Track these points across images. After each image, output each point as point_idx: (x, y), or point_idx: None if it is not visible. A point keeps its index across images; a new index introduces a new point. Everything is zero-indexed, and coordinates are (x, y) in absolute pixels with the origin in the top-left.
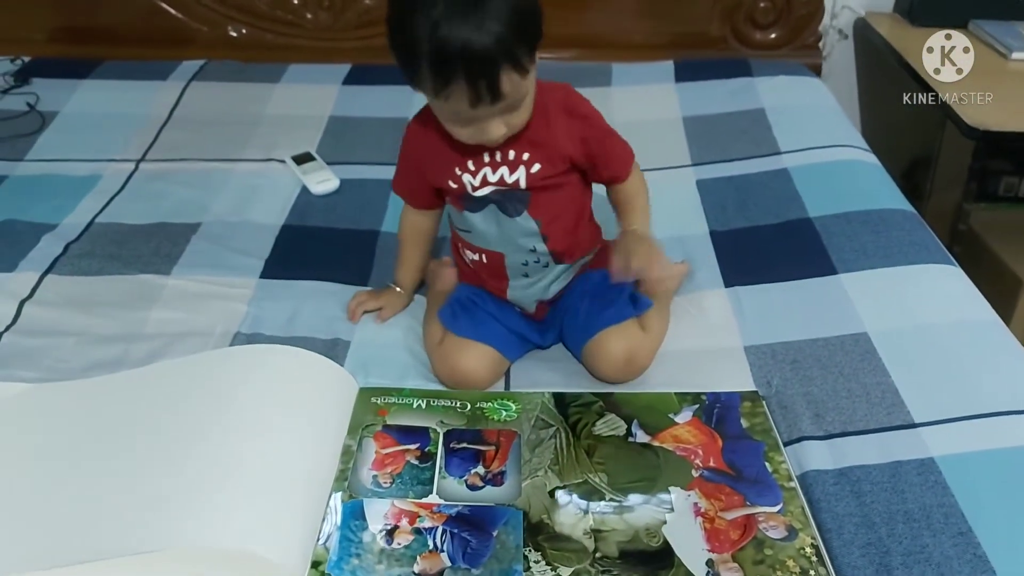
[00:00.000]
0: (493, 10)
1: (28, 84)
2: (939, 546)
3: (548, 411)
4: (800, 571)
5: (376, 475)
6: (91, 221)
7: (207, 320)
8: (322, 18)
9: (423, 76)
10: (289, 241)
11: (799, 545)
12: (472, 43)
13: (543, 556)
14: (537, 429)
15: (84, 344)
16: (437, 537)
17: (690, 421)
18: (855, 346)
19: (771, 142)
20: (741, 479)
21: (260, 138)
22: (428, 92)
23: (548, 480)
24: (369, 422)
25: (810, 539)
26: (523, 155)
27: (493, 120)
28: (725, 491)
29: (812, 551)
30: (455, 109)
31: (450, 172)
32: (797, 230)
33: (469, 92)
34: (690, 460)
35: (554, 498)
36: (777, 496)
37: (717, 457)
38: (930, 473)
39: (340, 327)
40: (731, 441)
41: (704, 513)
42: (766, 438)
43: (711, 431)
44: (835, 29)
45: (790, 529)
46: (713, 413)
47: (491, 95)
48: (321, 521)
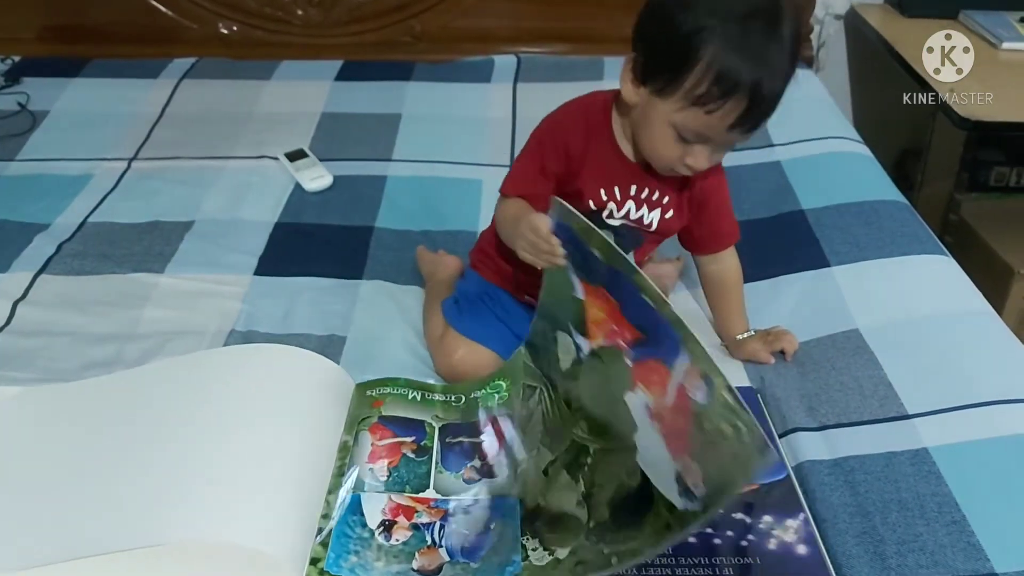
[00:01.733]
0: (789, 38)
1: (18, 83)
2: (933, 534)
3: (530, 371)
4: (734, 429)
5: (372, 468)
6: (84, 220)
7: (201, 318)
8: (312, 15)
9: (699, 72)
10: (283, 238)
11: (719, 400)
12: (778, 51)
13: (540, 542)
14: (525, 400)
15: (78, 344)
16: (435, 532)
17: (584, 289)
18: (848, 339)
19: (763, 134)
20: (650, 339)
21: (252, 135)
22: (683, 96)
23: (541, 458)
24: (365, 415)
25: (723, 383)
26: (665, 198)
27: (707, 148)
28: (652, 366)
29: (729, 396)
30: (707, 122)
31: (594, 191)
32: (790, 223)
33: (743, 115)
34: (618, 346)
35: (547, 476)
36: (676, 337)
37: (623, 323)
38: (923, 463)
39: (335, 323)
40: (614, 291)
41: (654, 412)
42: (616, 261)
43: (596, 288)
44: (831, 15)
45: (705, 378)
46: (580, 265)
47: (754, 125)
48: (319, 518)
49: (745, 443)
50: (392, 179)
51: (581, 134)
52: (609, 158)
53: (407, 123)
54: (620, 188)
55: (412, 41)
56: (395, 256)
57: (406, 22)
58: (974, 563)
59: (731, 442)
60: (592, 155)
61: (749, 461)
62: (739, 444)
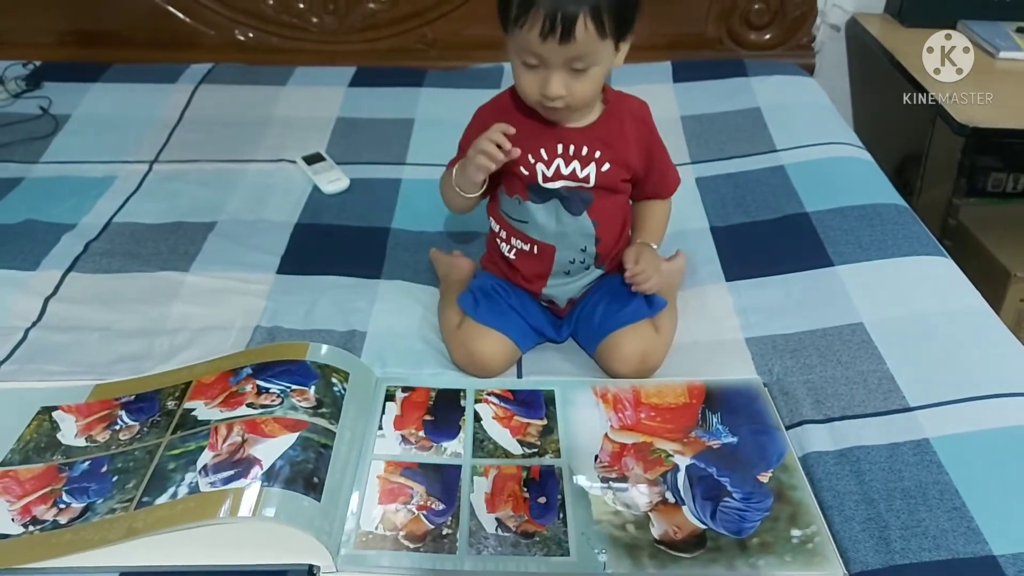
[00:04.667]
0: None
1: (40, 88)
2: (935, 520)
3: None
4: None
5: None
6: (109, 220)
7: (228, 314)
8: (327, 22)
9: (510, 6)
10: (303, 238)
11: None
12: None
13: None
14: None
15: (108, 339)
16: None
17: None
18: (852, 335)
19: (767, 140)
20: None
21: (270, 139)
22: (511, 25)
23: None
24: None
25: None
26: (595, 152)
27: (557, 72)
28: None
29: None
30: (527, 39)
31: (523, 159)
32: (794, 224)
33: (543, 21)
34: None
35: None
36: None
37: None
38: (925, 453)
39: (356, 319)
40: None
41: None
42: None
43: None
44: (827, 24)
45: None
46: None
47: (563, 31)
48: (350, 496)
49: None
50: (407, 182)
51: (492, 117)
52: (525, 127)
53: (420, 127)
54: (546, 149)
55: (425, 48)
56: (412, 256)
57: (419, 29)
58: (974, 546)
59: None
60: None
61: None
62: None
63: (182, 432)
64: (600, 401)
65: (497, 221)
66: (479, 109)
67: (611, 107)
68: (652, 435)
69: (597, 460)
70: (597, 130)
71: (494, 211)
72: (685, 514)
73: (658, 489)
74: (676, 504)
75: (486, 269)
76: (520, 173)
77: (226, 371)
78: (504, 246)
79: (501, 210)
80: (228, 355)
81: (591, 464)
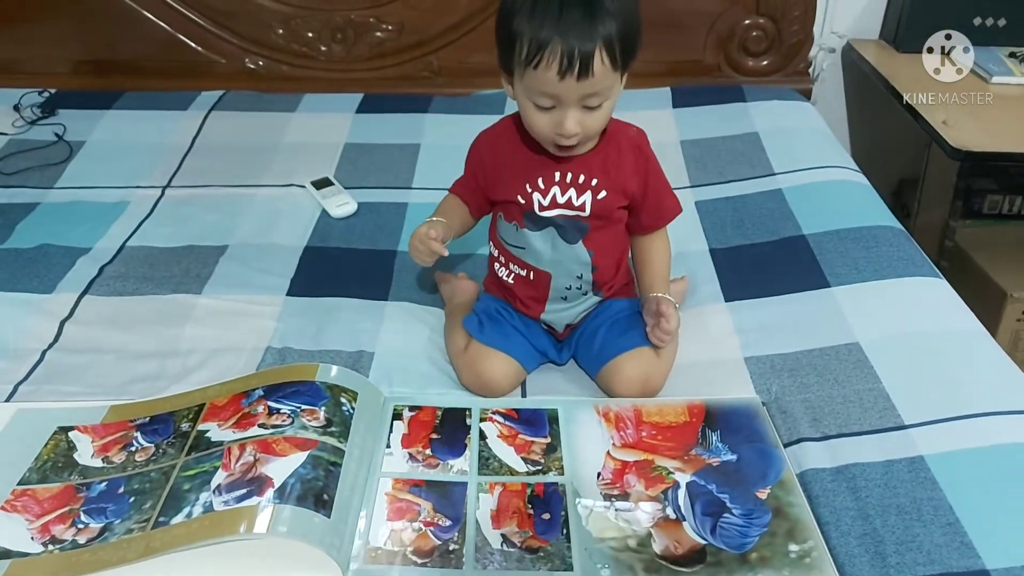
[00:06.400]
0: (608, 6)
1: (55, 115)
2: (929, 535)
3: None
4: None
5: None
6: (123, 245)
7: (239, 336)
8: (335, 50)
9: (521, 43)
10: (312, 261)
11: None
12: (577, 13)
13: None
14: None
15: (123, 360)
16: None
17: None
18: (849, 355)
19: (765, 164)
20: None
21: (279, 164)
22: (520, 64)
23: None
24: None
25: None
26: (592, 180)
27: (572, 110)
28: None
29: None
30: (543, 79)
31: (520, 188)
32: (792, 246)
33: (561, 60)
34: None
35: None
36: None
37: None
38: (920, 470)
39: (364, 340)
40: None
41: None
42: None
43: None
44: (824, 48)
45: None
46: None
47: (581, 67)
48: (359, 512)
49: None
50: (413, 206)
51: (490, 148)
52: (522, 156)
53: (426, 152)
54: (543, 178)
55: (430, 76)
56: (418, 278)
57: (424, 58)
58: (967, 561)
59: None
60: (508, 161)
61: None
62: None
63: (196, 453)
64: (602, 420)
65: (496, 246)
66: (479, 136)
67: (609, 135)
68: (653, 453)
69: (600, 477)
70: (595, 158)
71: (493, 236)
72: (686, 530)
73: (659, 506)
74: (677, 520)
75: (489, 291)
76: (517, 201)
77: (238, 393)
78: (503, 271)
79: (499, 235)
80: (240, 377)
81: (594, 481)
